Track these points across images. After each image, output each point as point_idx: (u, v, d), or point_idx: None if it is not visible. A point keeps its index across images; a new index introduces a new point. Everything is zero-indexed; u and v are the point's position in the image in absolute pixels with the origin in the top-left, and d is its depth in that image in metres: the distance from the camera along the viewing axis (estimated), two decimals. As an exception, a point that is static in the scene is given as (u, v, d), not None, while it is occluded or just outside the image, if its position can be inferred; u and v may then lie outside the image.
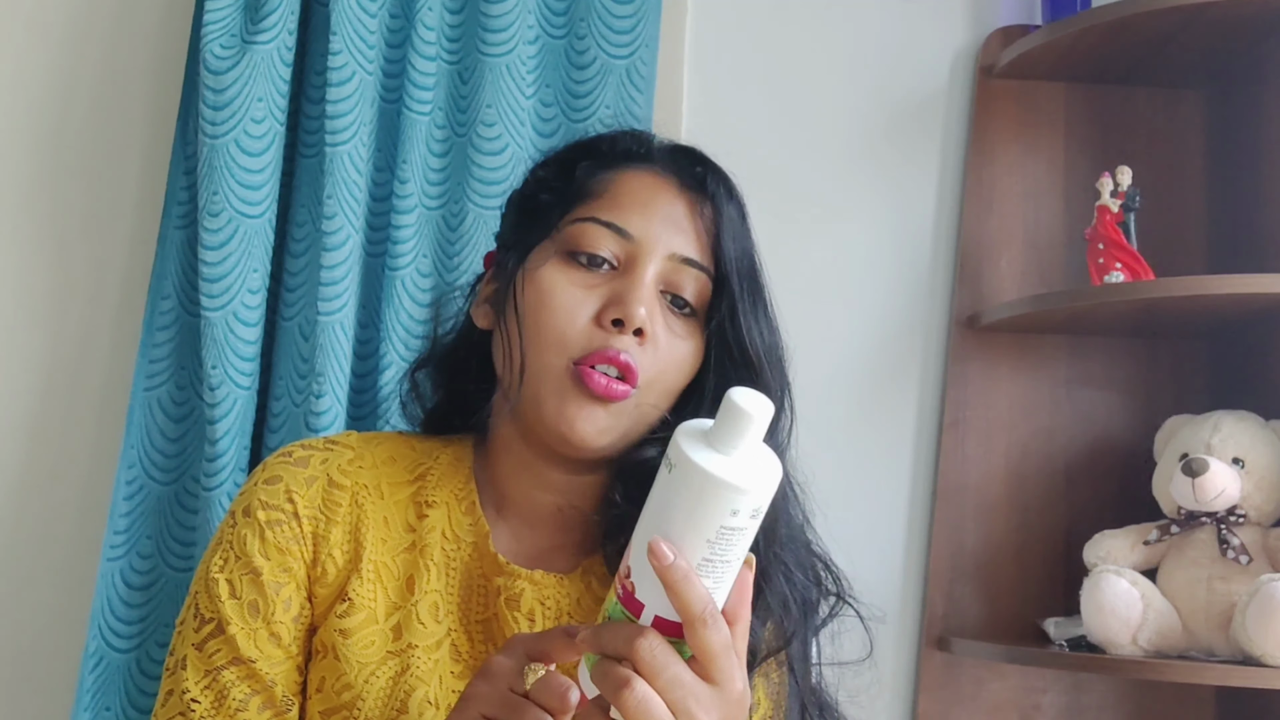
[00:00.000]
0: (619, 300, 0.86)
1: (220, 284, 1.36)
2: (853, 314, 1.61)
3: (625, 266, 0.89)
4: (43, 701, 1.46)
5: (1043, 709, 1.52)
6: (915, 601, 1.56)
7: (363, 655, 0.88)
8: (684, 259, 0.89)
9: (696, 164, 0.94)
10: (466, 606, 0.91)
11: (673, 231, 0.90)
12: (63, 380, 1.51)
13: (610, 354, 0.85)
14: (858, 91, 1.64)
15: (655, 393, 0.88)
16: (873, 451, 1.58)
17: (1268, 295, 1.34)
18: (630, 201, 0.90)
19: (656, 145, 0.95)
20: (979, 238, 1.60)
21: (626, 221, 0.89)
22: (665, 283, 0.89)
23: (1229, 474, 1.32)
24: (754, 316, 0.90)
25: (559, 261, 0.89)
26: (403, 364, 1.41)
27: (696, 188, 0.92)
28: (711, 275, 0.90)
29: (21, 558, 1.48)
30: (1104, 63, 1.57)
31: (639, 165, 0.93)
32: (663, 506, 0.69)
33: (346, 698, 0.88)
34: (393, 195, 1.42)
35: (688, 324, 0.90)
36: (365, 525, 0.91)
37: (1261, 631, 1.21)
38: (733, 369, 0.89)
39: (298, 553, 0.89)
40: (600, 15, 1.49)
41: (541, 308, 0.88)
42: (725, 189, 0.93)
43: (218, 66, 1.37)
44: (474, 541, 0.92)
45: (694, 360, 0.90)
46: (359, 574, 0.90)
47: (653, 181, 0.92)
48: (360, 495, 0.92)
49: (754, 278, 0.92)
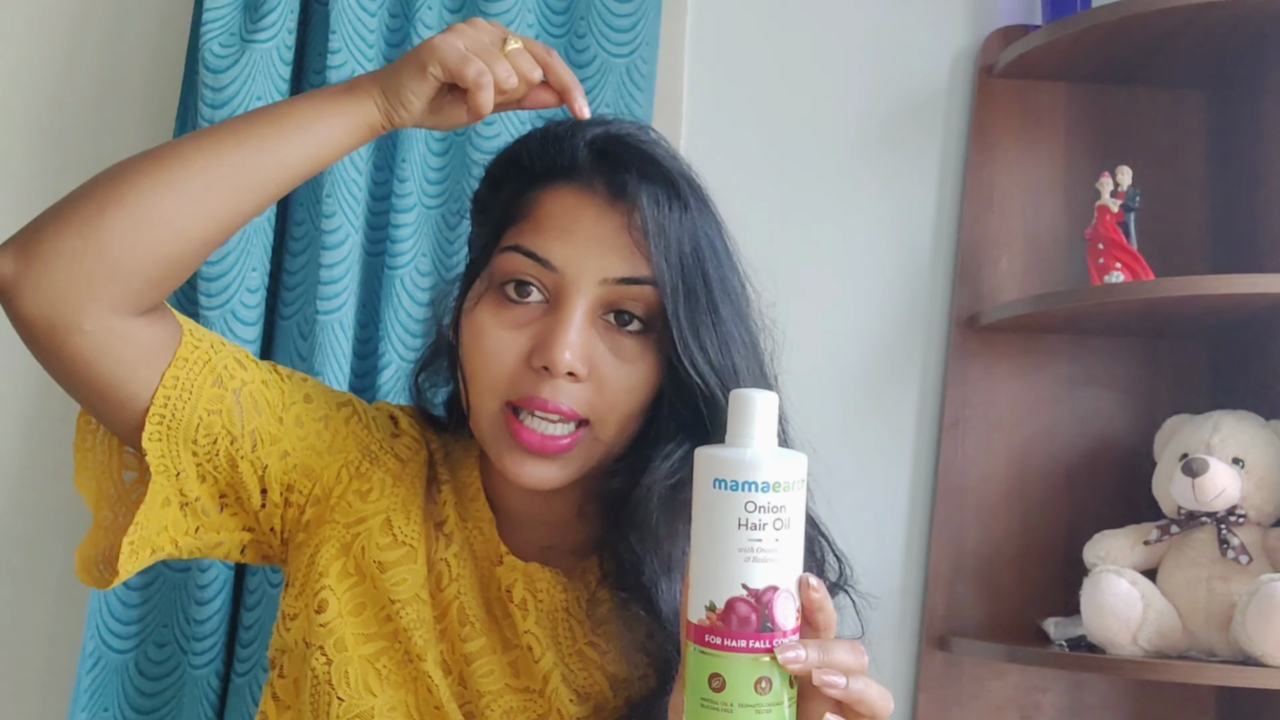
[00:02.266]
0: (543, 344, 0.82)
1: (219, 283, 1.36)
2: (853, 314, 1.61)
3: (554, 300, 0.84)
4: (40, 702, 1.46)
5: (1043, 709, 1.52)
6: (915, 601, 1.56)
7: (394, 591, 0.88)
8: (619, 279, 0.83)
9: (621, 168, 0.85)
10: (474, 579, 0.92)
11: (600, 253, 0.83)
12: (62, 379, 1.51)
13: (539, 401, 0.82)
14: (858, 91, 1.64)
15: (610, 425, 0.85)
16: (873, 451, 1.58)
17: (1268, 295, 1.34)
18: (552, 226, 0.85)
19: (584, 148, 0.87)
20: (979, 238, 1.60)
21: (549, 251, 0.84)
22: (605, 306, 0.84)
23: (1229, 474, 1.32)
24: (694, 332, 0.83)
25: (490, 299, 0.86)
26: (402, 363, 1.41)
27: (623, 196, 0.85)
28: (656, 284, 0.84)
29: (20, 558, 1.48)
30: (1104, 63, 1.57)
31: (561, 181, 0.87)
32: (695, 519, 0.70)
33: (388, 629, 0.88)
34: (392, 194, 1.42)
35: (638, 342, 0.85)
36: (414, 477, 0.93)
37: (1261, 631, 1.21)
38: (676, 388, 0.85)
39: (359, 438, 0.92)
40: (600, 14, 1.49)
41: (475, 351, 0.85)
42: (656, 191, 0.85)
43: (217, 65, 1.36)
44: (480, 527, 0.92)
45: (650, 379, 0.85)
46: (408, 516, 0.91)
47: (575, 200, 0.86)
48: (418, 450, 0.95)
49: (696, 287, 0.84)
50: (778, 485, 0.67)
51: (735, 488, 0.67)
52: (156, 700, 1.38)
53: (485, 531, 0.92)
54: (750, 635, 0.67)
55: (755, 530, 0.67)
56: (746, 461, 0.67)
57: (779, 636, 0.67)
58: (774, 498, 0.67)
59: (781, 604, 0.68)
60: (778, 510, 0.67)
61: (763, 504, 0.67)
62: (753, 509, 0.67)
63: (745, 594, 0.67)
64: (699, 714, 0.68)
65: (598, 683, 0.90)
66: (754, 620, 0.67)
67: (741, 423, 0.69)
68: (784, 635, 0.68)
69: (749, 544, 0.67)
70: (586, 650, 0.90)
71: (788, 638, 0.68)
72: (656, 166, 0.86)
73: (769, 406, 0.69)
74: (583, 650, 0.90)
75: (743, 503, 0.67)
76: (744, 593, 0.67)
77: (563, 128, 0.89)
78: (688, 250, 0.85)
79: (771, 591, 0.67)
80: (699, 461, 0.69)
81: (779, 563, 0.68)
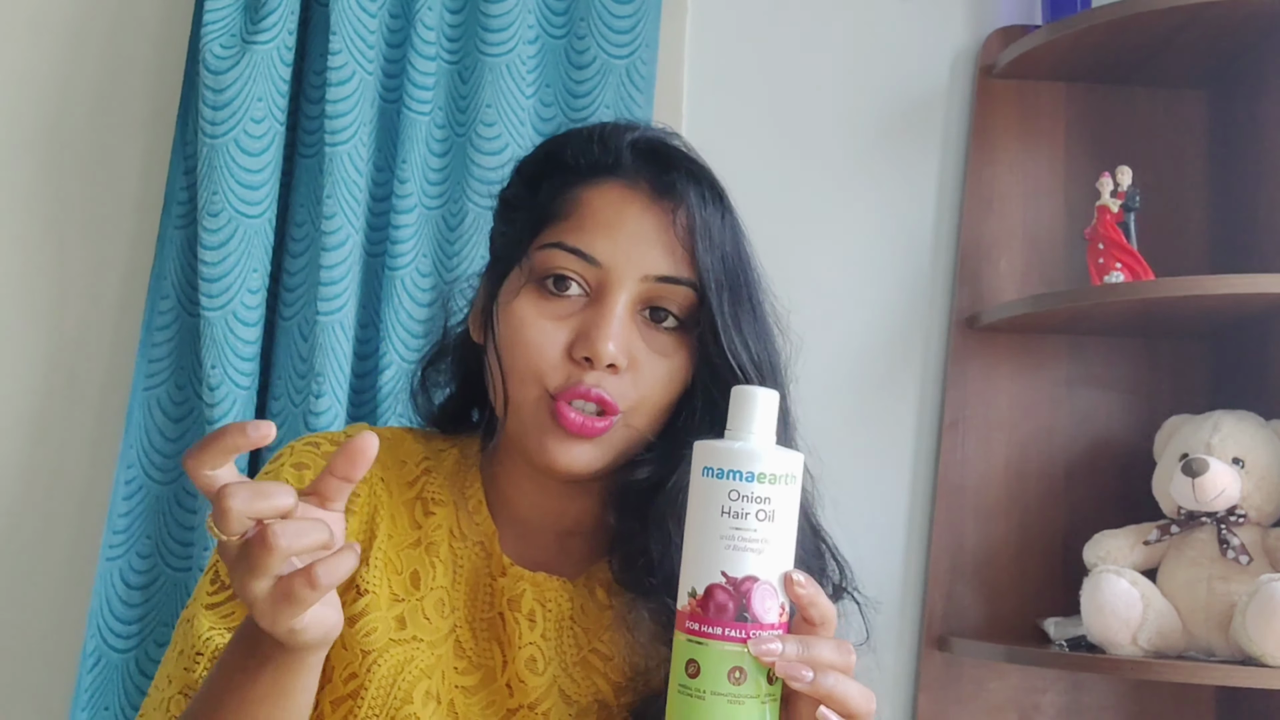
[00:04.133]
0: (586, 336, 0.84)
1: (220, 284, 1.36)
2: (853, 314, 1.61)
3: (595, 294, 0.86)
4: (41, 701, 1.46)
5: (1042, 709, 1.52)
6: (915, 601, 1.56)
7: (365, 642, 0.88)
8: (659, 278, 0.85)
9: (666, 168, 0.88)
10: (472, 604, 0.91)
11: (644, 250, 0.85)
12: (62, 380, 1.51)
13: (582, 390, 0.83)
14: (858, 91, 1.64)
15: (643, 415, 0.86)
16: (873, 451, 1.58)
17: (1268, 295, 1.34)
18: (595, 223, 0.86)
19: (626, 148, 0.89)
20: (979, 238, 1.60)
21: (592, 246, 0.85)
22: (643, 302, 0.86)
23: (1229, 474, 1.32)
24: (737, 327, 0.86)
25: (530, 291, 0.87)
26: (403, 363, 1.41)
27: (668, 195, 0.87)
28: (695, 286, 0.86)
29: (20, 557, 1.48)
30: (1104, 63, 1.57)
31: (605, 178, 0.88)
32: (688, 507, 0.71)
33: (351, 687, 0.88)
34: (392, 195, 1.42)
35: (673, 338, 0.87)
36: (378, 517, 0.91)
37: (1261, 631, 1.21)
38: (713, 381, 0.86)
39: None
40: (600, 15, 1.49)
41: (515, 343, 0.86)
42: (701, 191, 0.88)
43: (218, 66, 1.37)
44: (481, 541, 0.92)
45: (683, 373, 0.87)
46: (367, 563, 0.90)
47: (619, 196, 0.87)
48: (376, 488, 0.92)
49: (738, 284, 0.87)
50: (763, 476, 0.69)
51: (721, 475, 0.69)
52: (157, 700, 1.38)
53: (486, 545, 0.92)
54: (726, 623, 0.68)
55: (738, 519, 0.69)
56: (734, 451, 0.69)
57: (756, 628, 0.68)
58: (758, 488, 0.69)
59: (760, 595, 0.69)
60: (761, 501, 0.69)
61: (746, 493, 0.69)
62: (736, 497, 0.69)
63: (724, 582, 0.69)
64: (676, 700, 0.70)
65: (600, 690, 0.90)
66: (731, 608, 0.68)
67: (739, 417, 0.71)
68: (762, 627, 0.69)
69: (731, 532, 0.69)
70: (590, 658, 0.91)
71: (767, 631, 0.69)
72: (700, 169, 0.90)
73: (768, 403, 0.71)
74: (586, 658, 0.91)
75: (727, 491, 0.69)
76: (723, 580, 0.69)
77: (605, 128, 0.91)
78: (729, 250, 0.88)
79: (751, 582, 0.69)
80: (695, 451, 0.71)
81: (762, 555, 0.69)
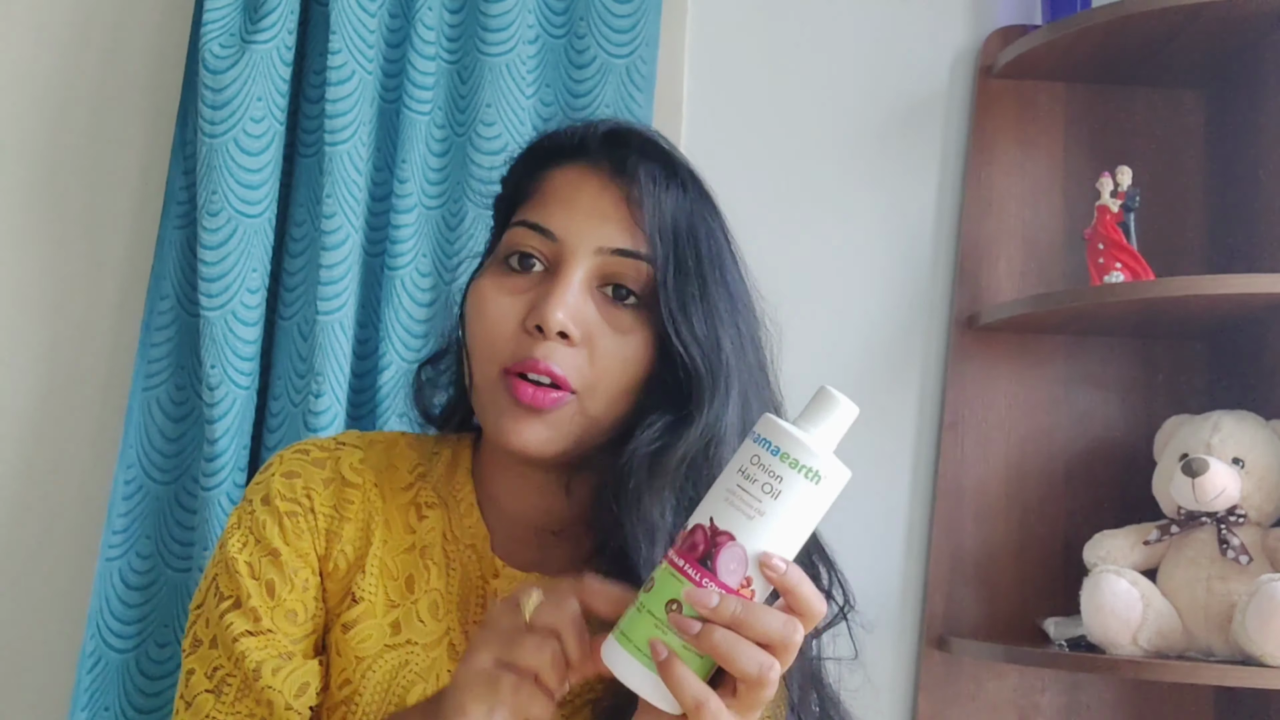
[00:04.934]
0: (537, 305, 0.84)
1: (219, 283, 1.36)
2: (853, 314, 1.61)
3: (552, 267, 0.86)
4: (40, 702, 1.45)
5: (1042, 709, 1.52)
6: (915, 601, 1.56)
7: (360, 649, 0.89)
8: (615, 250, 0.85)
9: (625, 147, 0.89)
10: (465, 607, 0.92)
11: (600, 224, 0.86)
12: (62, 380, 1.51)
13: (531, 363, 0.83)
14: (857, 91, 1.64)
15: (602, 395, 0.85)
16: (873, 451, 1.58)
17: (1268, 295, 1.34)
18: (555, 199, 0.88)
19: (594, 134, 0.91)
20: (978, 238, 1.60)
21: (549, 220, 0.86)
22: (601, 276, 0.86)
23: (1229, 474, 1.32)
24: (681, 303, 0.85)
25: (493, 270, 0.88)
26: (403, 363, 1.41)
27: (623, 172, 0.87)
28: (651, 260, 0.86)
29: (20, 557, 1.48)
30: (1104, 63, 1.57)
31: (569, 160, 0.90)
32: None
33: (345, 692, 0.89)
34: (392, 195, 1.42)
35: (634, 315, 0.86)
36: (374, 522, 0.92)
37: (1261, 631, 1.21)
38: (664, 362, 0.85)
39: (311, 544, 0.90)
40: (600, 14, 1.49)
41: (475, 318, 0.87)
42: (654, 169, 0.88)
43: (217, 66, 1.36)
44: (473, 544, 0.92)
45: (644, 352, 0.86)
46: (363, 570, 0.90)
47: (579, 175, 0.89)
48: (370, 493, 0.93)
49: (686, 259, 0.86)
50: (785, 456, 0.71)
51: (756, 440, 0.72)
52: (156, 700, 1.38)
53: (478, 547, 0.92)
54: (688, 558, 0.71)
55: (746, 480, 0.71)
56: (779, 427, 0.72)
57: (710, 579, 0.70)
58: (777, 464, 0.71)
59: (729, 554, 0.70)
60: (773, 477, 0.71)
61: (765, 463, 0.71)
62: (755, 461, 0.71)
63: (707, 525, 0.71)
64: (632, 607, 0.72)
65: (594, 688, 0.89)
66: (699, 550, 0.71)
67: (811, 410, 0.73)
68: (716, 582, 0.70)
69: (735, 488, 0.71)
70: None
71: (716, 586, 0.70)
72: (658, 149, 0.90)
73: (841, 413, 0.73)
74: None
75: (750, 453, 0.72)
76: (707, 524, 0.71)
77: (578, 121, 0.94)
78: (682, 226, 0.87)
79: (727, 538, 0.71)
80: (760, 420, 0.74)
81: (751, 522, 0.71)
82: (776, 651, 0.70)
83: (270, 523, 0.90)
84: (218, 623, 0.88)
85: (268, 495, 0.91)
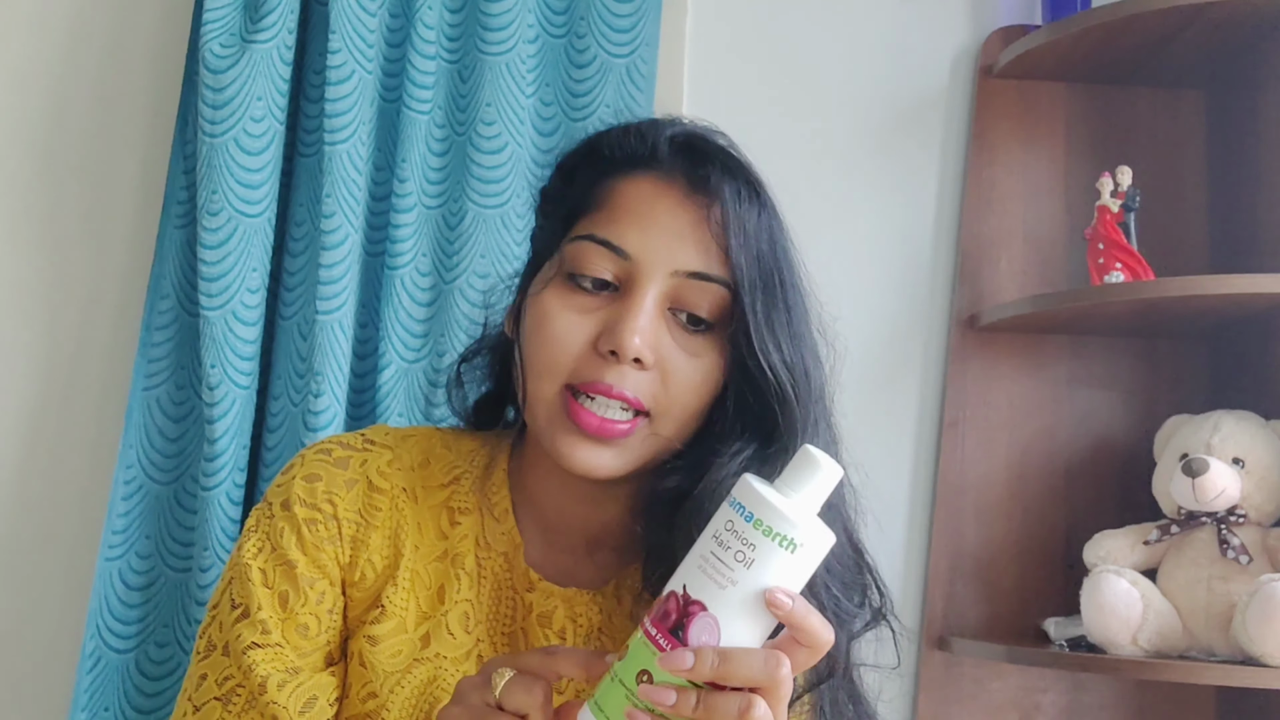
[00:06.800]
0: (612, 328, 0.81)
1: (219, 283, 1.36)
2: (853, 314, 1.60)
3: (625, 288, 0.83)
4: (40, 702, 1.45)
5: (1043, 709, 1.52)
6: (915, 601, 1.56)
7: (389, 664, 0.87)
8: (690, 274, 0.82)
9: (702, 162, 0.85)
10: (495, 617, 0.90)
11: (675, 245, 0.82)
12: (61, 380, 1.51)
13: (603, 387, 0.80)
14: (858, 91, 1.64)
15: (673, 419, 0.82)
16: (873, 451, 1.58)
17: (1268, 295, 1.34)
18: (628, 215, 0.83)
19: (664, 142, 0.86)
20: (979, 238, 1.60)
21: (623, 239, 0.82)
22: (674, 300, 0.83)
23: (1229, 474, 1.32)
24: (769, 327, 0.82)
25: (558, 284, 0.84)
26: (402, 363, 1.41)
27: (703, 190, 0.84)
28: (728, 285, 0.83)
29: (20, 557, 1.48)
30: (1104, 63, 1.57)
31: (640, 171, 0.86)
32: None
33: (371, 705, 0.87)
34: (392, 194, 1.42)
35: (706, 340, 0.83)
36: (404, 530, 0.89)
37: (1261, 631, 1.21)
38: (747, 385, 0.83)
39: (333, 553, 0.88)
40: (600, 14, 1.49)
41: (538, 333, 0.83)
42: (737, 187, 0.85)
43: (217, 65, 1.36)
44: (506, 552, 0.90)
45: (715, 377, 0.83)
46: (394, 582, 0.88)
47: (653, 190, 0.84)
48: (399, 499, 0.89)
49: (772, 283, 0.84)
50: (759, 523, 0.68)
51: (732, 504, 0.69)
52: (156, 700, 1.38)
53: (510, 557, 0.90)
54: (660, 627, 0.69)
55: (720, 547, 0.68)
56: (753, 489, 0.68)
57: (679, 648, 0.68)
58: (750, 532, 0.68)
59: (700, 625, 0.68)
60: (747, 545, 0.68)
61: (739, 530, 0.68)
62: (730, 528, 0.68)
63: (680, 594, 0.69)
64: (606, 676, 0.70)
65: None
66: (671, 619, 0.69)
67: (791, 473, 0.70)
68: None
69: (709, 554, 0.68)
70: None
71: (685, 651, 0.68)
72: (738, 164, 0.87)
73: (824, 474, 0.69)
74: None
75: (725, 519, 0.69)
76: (680, 592, 0.69)
77: (644, 123, 0.89)
78: (765, 247, 0.85)
79: (699, 607, 0.68)
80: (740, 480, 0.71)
81: (724, 591, 0.68)
82: (765, 692, 0.68)
83: (288, 531, 0.87)
84: (230, 629, 0.87)
85: (288, 500, 0.88)
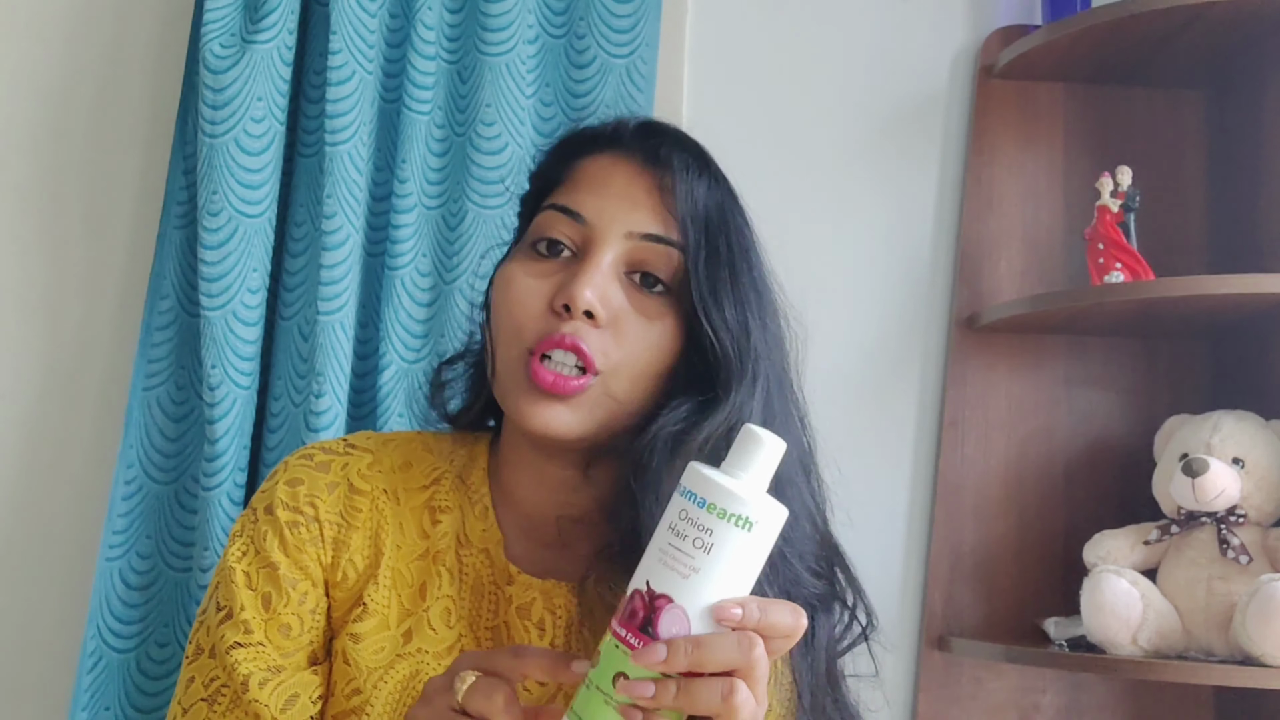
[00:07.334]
0: (566, 285, 0.84)
1: (220, 283, 1.36)
2: (853, 314, 1.61)
3: (581, 251, 0.86)
4: (41, 701, 1.46)
5: (1042, 709, 1.52)
6: (915, 601, 1.56)
7: (372, 660, 0.88)
8: (644, 235, 0.86)
9: (658, 137, 0.91)
10: (476, 612, 0.91)
11: (629, 208, 0.86)
12: (62, 380, 1.51)
13: (557, 338, 0.82)
14: (858, 91, 1.64)
15: (626, 379, 0.84)
16: (873, 451, 1.58)
17: (1268, 295, 1.34)
18: (587, 184, 0.88)
19: (626, 126, 0.92)
20: (979, 238, 1.60)
21: (580, 204, 0.87)
22: (630, 262, 0.86)
23: (1229, 474, 1.32)
24: (713, 290, 0.85)
25: (523, 255, 0.88)
26: (403, 363, 1.41)
27: (656, 162, 0.88)
28: (681, 248, 0.86)
29: (20, 557, 1.48)
30: (1104, 63, 1.57)
31: (602, 149, 0.91)
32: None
33: (355, 702, 0.88)
34: (392, 195, 1.42)
35: (661, 302, 0.86)
36: (384, 531, 0.91)
37: (1261, 631, 1.21)
38: (693, 347, 0.85)
39: (315, 555, 0.90)
40: (600, 14, 1.49)
41: (502, 301, 0.87)
42: (687, 159, 0.89)
43: (217, 66, 1.36)
44: (487, 548, 0.91)
45: (670, 338, 0.86)
46: (376, 580, 0.90)
47: (611, 162, 0.89)
48: (379, 500, 0.92)
49: (717, 247, 0.87)
50: (712, 507, 0.68)
51: (682, 493, 0.69)
52: (157, 700, 1.38)
53: (491, 552, 0.91)
54: (629, 627, 0.68)
55: (678, 538, 0.68)
56: (703, 476, 0.69)
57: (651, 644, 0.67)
58: (705, 517, 0.68)
59: (669, 617, 0.68)
60: (703, 530, 0.68)
61: (693, 517, 0.68)
62: (684, 516, 0.68)
63: (644, 590, 0.69)
64: (582, 685, 0.70)
65: None
66: (639, 617, 0.68)
67: (736, 453, 0.70)
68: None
69: (668, 547, 0.68)
70: None
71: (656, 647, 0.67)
72: (691, 142, 0.92)
73: (767, 449, 0.70)
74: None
75: (679, 508, 0.69)
76: (644, 589, 0.69)
77: (612, 116, 0.95)
78: (714, 215, 0.88)
79: (665, 601, 0.68)
80: (686, 470, 0.71)
81: (687, 580, 0.68)
82: (742, 673, 0.68)
83: (271, 534, 0.90)
84: (215, 631, 0.88)
85: (271, 505, 0.91)
